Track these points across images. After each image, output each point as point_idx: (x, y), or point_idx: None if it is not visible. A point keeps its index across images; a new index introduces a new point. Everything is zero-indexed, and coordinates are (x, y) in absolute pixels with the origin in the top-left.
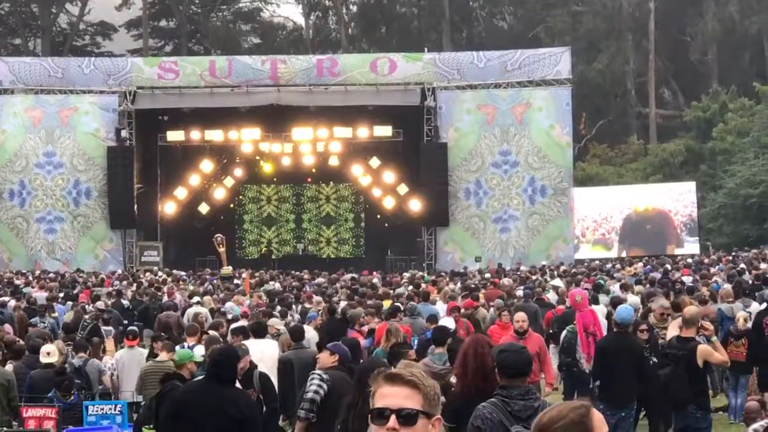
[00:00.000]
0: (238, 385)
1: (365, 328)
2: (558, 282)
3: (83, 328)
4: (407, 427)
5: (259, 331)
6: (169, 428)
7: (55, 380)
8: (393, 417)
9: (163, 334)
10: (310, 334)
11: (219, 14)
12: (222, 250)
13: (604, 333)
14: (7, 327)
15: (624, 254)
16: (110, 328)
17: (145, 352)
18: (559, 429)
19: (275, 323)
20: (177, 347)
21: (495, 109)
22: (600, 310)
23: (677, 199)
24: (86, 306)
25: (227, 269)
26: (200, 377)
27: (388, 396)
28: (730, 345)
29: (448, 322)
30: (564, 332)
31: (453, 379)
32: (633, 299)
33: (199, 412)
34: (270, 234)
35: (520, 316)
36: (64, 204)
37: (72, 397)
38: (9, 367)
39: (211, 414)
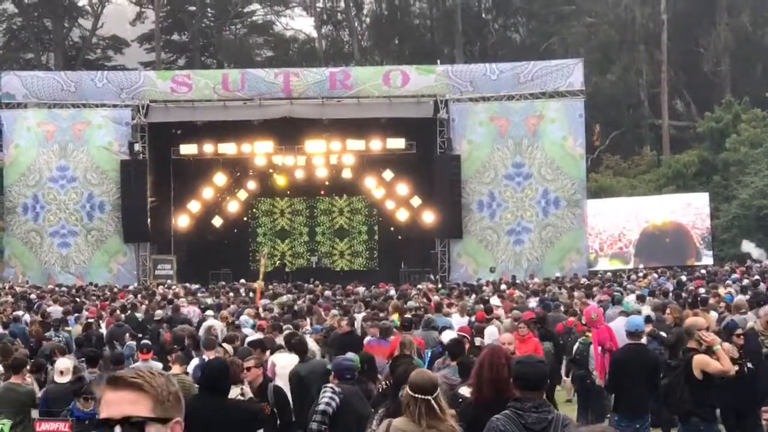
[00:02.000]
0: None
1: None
2: (496, 301)
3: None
4: None
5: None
6: None
7: (73, 389)
8: (118, 427)
9: (176, 347)
10: (310, 346)
11: (232, 27)
12: (263, 263)
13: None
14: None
15: (641, 267)
16: (132, 342)
17: (159, 365)
18: None
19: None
20: (194, 361)
21: (508, 121)
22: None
23: (691, 211)
24: (99, 320)
25: (260, 283)
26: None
27: (111, 403)
28: None
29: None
30: (576, 344)
31: (461, 390)
32: (648, 310)
33: (197, 425)
34: (283, 247)
35: (506, 338)
36: (78, 218)
37: (92, 407)
38: (28, 379)
39: (209, 425)
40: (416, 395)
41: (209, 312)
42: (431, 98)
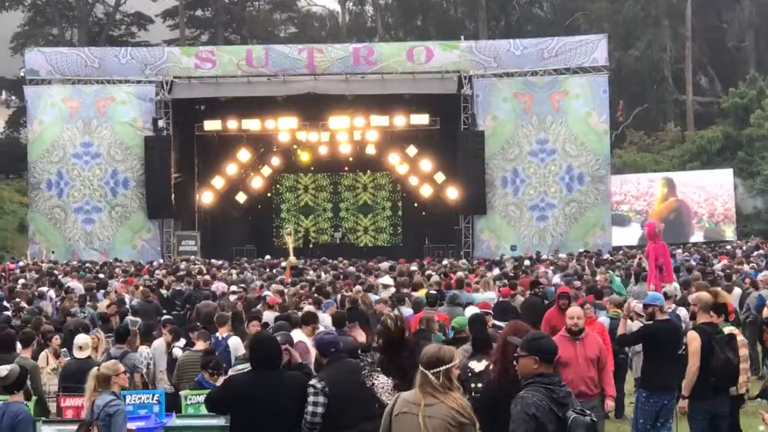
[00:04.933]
0: None
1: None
2: (387, 279)
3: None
4: None
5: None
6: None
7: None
8: None
9: (198, 324)
10: (326, 322)
11: (255, 3)
12: (289, 240)
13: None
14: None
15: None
16: (137, 318)
17: (182, 341)
18: None
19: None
20: (213, 337)
21: (532, 97)
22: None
23: (715, 186)
24: (124, 297)
25: (292, 259)
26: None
27: None
28: (765, 331)
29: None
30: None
31: (470, 364)
32: (672, 286)
33: (255, 402)
34: (307, 223)
35: (575, 311)
36: (102, 194)
37: (218, 381)
38: (42, 354)
39: (269, 401)
40: (420, 368)
41: (233, 288)
42: (455, 74)
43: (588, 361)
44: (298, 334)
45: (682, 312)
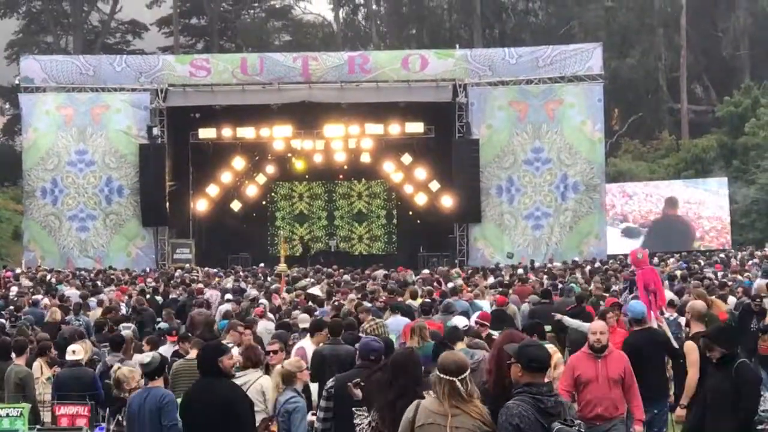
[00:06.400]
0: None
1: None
2: (315, 290)
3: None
4: None
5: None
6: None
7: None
8: None
9: (181, 331)
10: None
11: (250, 11)
12: (283, 247)
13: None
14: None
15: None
16: (130, 325)
17: (169, 349)
18: None
19: (302, 320)
20: None
21: (527, 105)
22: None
23: (709, 195)
24: (119, 304)
25: (282, 266)
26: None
27: None
28: (759, 339)
29: (460, 320)
30: None
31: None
32: (668, 294)
33: (194, 405)
34: (302, 231)
35: (598, 326)
36: (96, 202)
37: None
38: (36, 363)
39: (202, 404)
40: (441, 375)
41: (227, 296)
42: (450, 82)
43: (610, 381)
44: (305, 341)
45: (683, 320)
